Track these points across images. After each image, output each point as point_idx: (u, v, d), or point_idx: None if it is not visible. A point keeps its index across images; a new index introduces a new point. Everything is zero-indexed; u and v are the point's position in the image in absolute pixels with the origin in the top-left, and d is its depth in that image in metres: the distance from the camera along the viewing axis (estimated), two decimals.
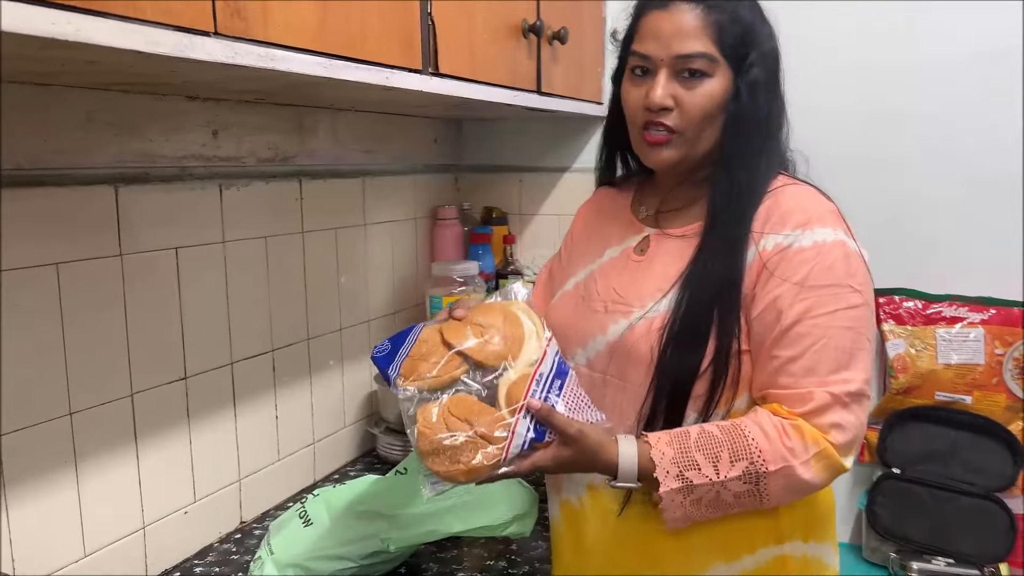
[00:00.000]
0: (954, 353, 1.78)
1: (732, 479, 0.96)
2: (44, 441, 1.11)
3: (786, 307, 0.99)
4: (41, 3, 0.63)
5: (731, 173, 1.07)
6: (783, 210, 1.05)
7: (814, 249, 1.01)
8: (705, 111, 1.05)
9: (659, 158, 1.09)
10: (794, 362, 0.99)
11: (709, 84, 1.04)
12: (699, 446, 0.97)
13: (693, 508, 0.98)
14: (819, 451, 0.97)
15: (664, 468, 0.96)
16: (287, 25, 0.90)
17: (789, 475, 0.96)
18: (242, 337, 1.45)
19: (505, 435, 0.93)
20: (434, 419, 0.95)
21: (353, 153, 1.74)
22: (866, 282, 1.03)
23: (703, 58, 1.03)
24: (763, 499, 0.98)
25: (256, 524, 1.49)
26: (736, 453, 0.96)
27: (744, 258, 1.04)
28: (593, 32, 1.90)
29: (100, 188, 1.17)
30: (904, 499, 1.76)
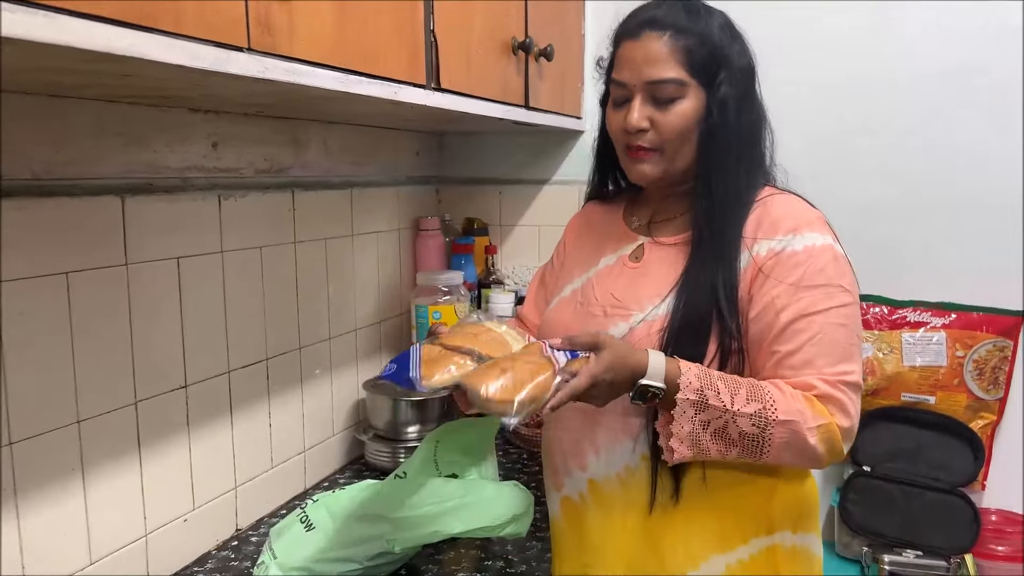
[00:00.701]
0: (918, 356, 1.88)
1: (743, 414, 1.01)
2: (54, 449, 1.12)
3: (783, 306, 1.06)
4: (102, 20, 0.66)
5: (709, 186, 1.13)
6: (773, 217, 1.12)
7: (805, 253, 1.08)
8: (679, 130, 1.12)
9: (641, 173, 1.16)
10: (793, 355, 1.05)
11: (682, 105, 1.11)
12: (721, 378, 1.03)
13: (700, 429, 1.02)
14: (825, 424, 1.03)
15: (687, 379, 1.01)
16: (309, 40, 0.93)
17: (795, 431, 1.01)
18: (239, 346, 1.47)
19: (548, 358, 1.00)
20: (478, 375, 0.99)
21: (343, 165, 1.77)
22: (854, 283, 1.10)
23: (672, 83, 1.11)
24: (763, 449, 1.03)
25: (252, 531, 1.50)
26: (752, 395, 1.02)
27: (737, 263, 1.10)
28: (574, 49, 1.97)
29: (108, 198, 1.18)
30: (874, 495, 1.84)
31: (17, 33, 0.58)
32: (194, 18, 0.76)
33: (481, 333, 1.11)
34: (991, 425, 1.86)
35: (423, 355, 1.07)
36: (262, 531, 1.49)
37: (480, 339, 1.08)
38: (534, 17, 1.64)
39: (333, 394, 1.78)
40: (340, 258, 1.77)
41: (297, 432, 1.66)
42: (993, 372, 1.84)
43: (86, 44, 0.64)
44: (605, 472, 1.16)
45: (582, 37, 2.03)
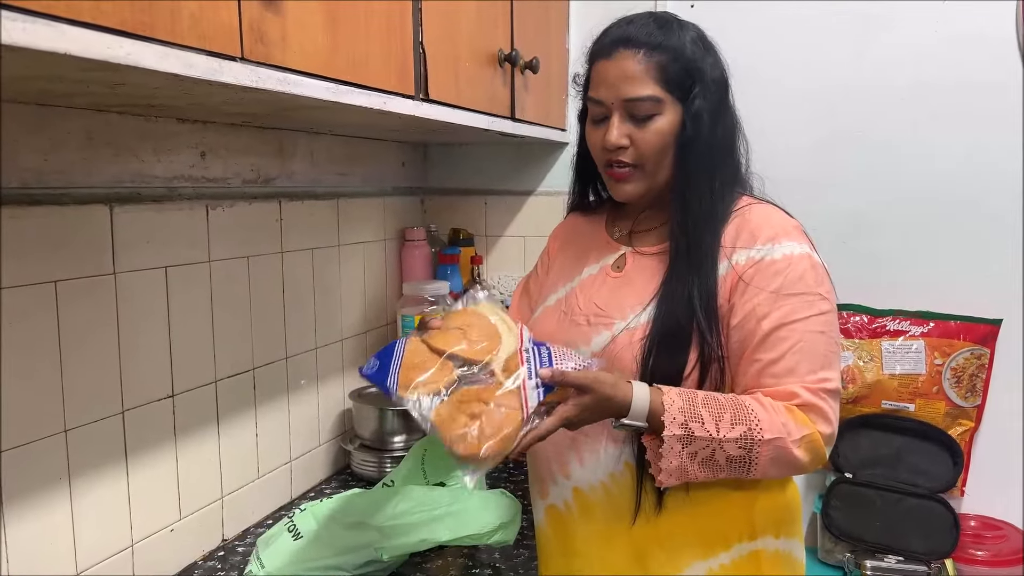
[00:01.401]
0: (898, 364, 1.91)
1: (729, 440, 1.02)
2: (41, 458, 1.11)
3: (764, 314, 1.08)
4: (101, 28, 0.67)
5: (684, 198, 1.15)
6: (752, 227, 1.14)
7: (784, 261, 1.10)
8: (658, 146, 1.13)
9: (624, 192, 1.18)
10: (775, 363, 1.07)
11: (659, 121, 1.13)
12: (705, 404, 1.04)
13: (688, 461, 1.03)
14: (808, 434, 1.05)
15: (672, 414, 1.02)
16: (301, 51, 0.95)
17: (781, 447, 1.03)
18: (225, 356, 1.46)
19: (519, 400, 0.99)
20: (448, 415, 0.99)
21: (329, 175, 1.78)
22: (831, 290, 1.12)
23: (649, 100, 1.12)
24: (751, 467, 1.04)
25: (238, 542, 1.49)
26: (737, 418, 1.03)
27: (715, 272, 1.12)
28: (559, 62, 1.99)
29: (96, 207, 1.18)
30: (856, 502, 1.87)
31: (20, 41, 0.59)
32: (189, 28, 0.77)
33: (472, 327, 1.10)
34: (969, 432, 1.89)
35: (405, 356, 1.07)
36: (248, 541, 1.49)
37: (471, 332, 1.08)
38: (520, 30, 1.66)
39: (319, 404, 1.78)
40: (326, 268, 1.78)
41: (283, 442, 1.66)
42: (971, 380, 1.87)
43: (86, 52, 0.65)
44: (589, 480, 1.17)
45: (566, 50, 2.05)
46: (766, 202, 1.20)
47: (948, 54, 1.87)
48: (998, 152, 1.85)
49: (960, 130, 1.87)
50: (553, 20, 1.95)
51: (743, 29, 1.90)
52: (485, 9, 1.50)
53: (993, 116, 1.85)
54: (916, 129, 1.90)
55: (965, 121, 1.87)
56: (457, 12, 1.38)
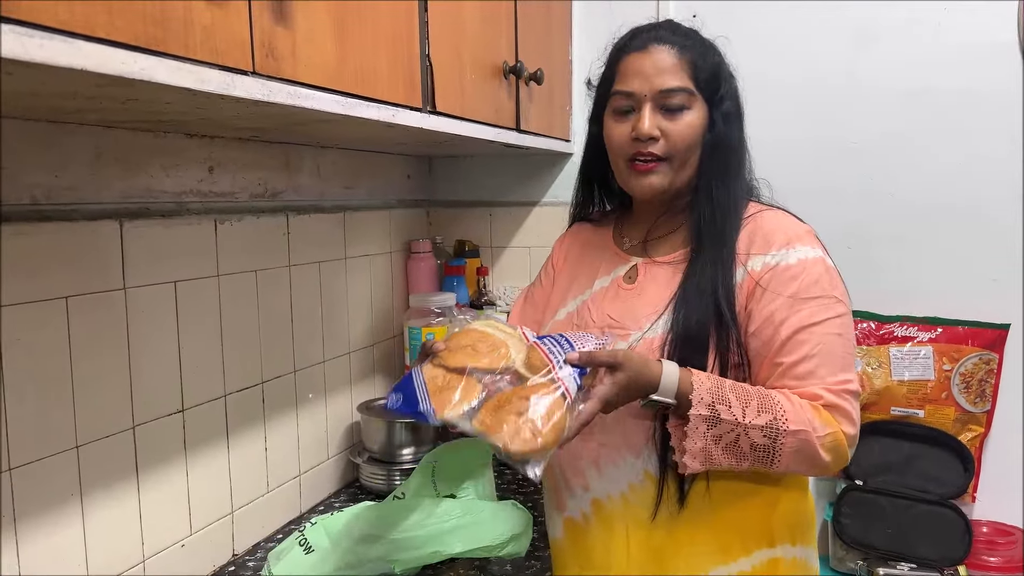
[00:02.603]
0: (906, 370, 1.90)
1: (755, 427, 1.03)
2: (53, 474, 1.11)
3: (782, 319, 1.08)
4: (116, 44, 0.67)
5: (711, 196, 1.16)
6: (765, 232, 1.14)
7: (800, 266, 1.10)
8: (688, 140, 1.15)
9: (647, 184, 1.17)
10: (797, 366, 1.07)
11: (689, 115, 1.15)
12: (733, 390, 1.05)
13: (712, 444, 1.04)
14: (832, 432, 1.05)
15: (700, 394, 1.03)
16: (311, 65, 0.95)
17: (805, 441, 1.03)
18: (234, 370, 1.46)
19: (558, 386, 0.99)
20: (493, 420, 0.99)
21: (335, 189, 1.78)
22: (845, 293, 1.13)
23: (683, 92, 1.14)
24: (774, 459, 1.04)
25: (248, 556, 1.49)
26: (763, 406, 1.04)
27: (733, 275, 1.12)
28: (562, 73, 2.00)
29: (106, 223, 1.19)
30: (867, 509, 1.86)
31: (37, 57, 0.59)
32: (202, 43, 0.77)
33: (478, 342, 1.10)
34: (979, 437, 1.88)
35: (427, 383, 1.06)
36: (259, 556, 1.48)
37: (479, 351, 1.08)
38: (524, 42, 1.67)
39: (327, 417, 1.78)
40: (333, 281, 1.78)
41: (292, 456, 1.66)
42: (980, 385, 1.86)
43: (101, 68, 0.65)
44: (607, 490, 1.17)
45: (569, 62, 2.06)
46: (776, 208, 1.21)
47: (947, 61, 1.87)
48: (1001, 157, 1.85)
49: (962, 135, 1.87)
50: (556, 32, 1.96)
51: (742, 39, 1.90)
52: (490, 22, 1.51)
53: (995, 121, 1.85)
54: (917, 135, 1.90)
55: (967, 126, 1.87)
56: (462, 25, 1.39)
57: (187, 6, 0.75)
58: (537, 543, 1.45)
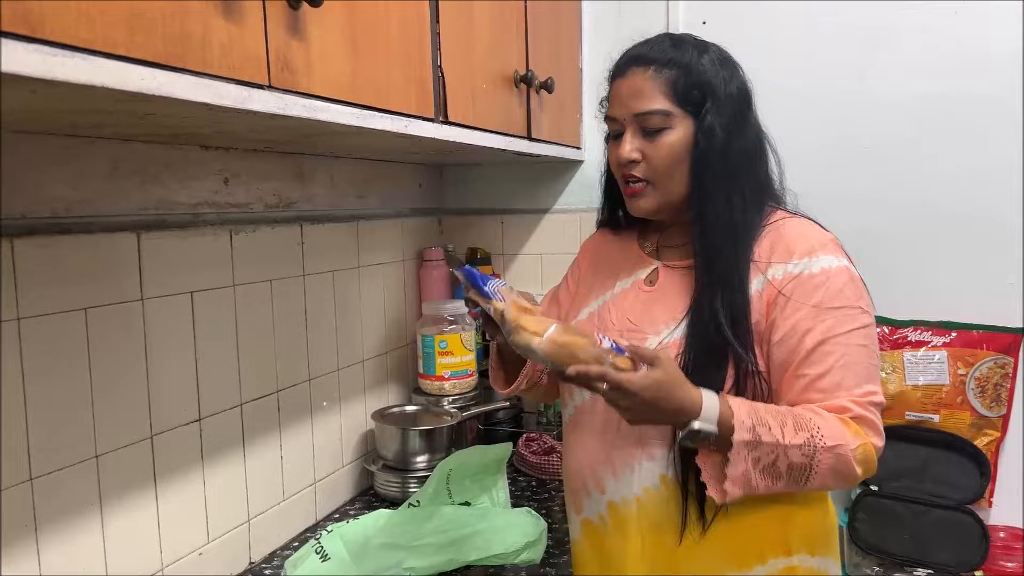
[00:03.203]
0: (920, 375, 1.89)
1: (794, 446, 1.01)
2: (73, 483, 1.13)
3: (806, 329, 1.08)
4: (135, 61, 0.68)
5: (702, 213, 1.15)
6: (787, 241, 1.14)
7: (823, 275, 1.10)
8: (668, 159, 1.14)
9: (638, 207, 1.20)
10: (822, 378, 1.07)
11: (670, 135, 1.14)
12: (767, 410, 1.04)
13: (752, 467, 1.03)
14: (863, 444, 1.05)
15: (740, 419, 1.02)
16: (325, 78, 0.96)
17: (841, 455, 1.03)
18: (250, 378, 1.48)
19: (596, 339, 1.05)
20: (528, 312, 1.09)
21: (348, 198, 1.79)
22: (870, 303, 1.13)
23: (658, 114, 1.14)
24: (811, 476, 1.03)
25: (265, 564, 1.50)
26: (799, 424, 1.03)
27: (746, 286, 1.12)
28: (572, 82, 2.01)
29: (124, 235, 1.20)
30: (883, 514, 1.85)
31: (60, 75, 0.60)
32: (219, 58, 0.79)
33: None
34: (995, 442, 1.87)
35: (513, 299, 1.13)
36: (275, 564, 1.49)
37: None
38: (534, 51, 1.68)
39: (342, 425, 1.79)
40: (347, 290, 1.79)
41: (307, 464, 1.67)
42: (995, 389, 1.85)
43: (122, 85, 0.67)
44: (624, 494, 1.17)
45: (579, 70, 2.07)
46: (800, 216, 1.20)
47: (959, 65, 1.87)
48: (1015, 160, 1.84)
49: (975, 139, 1.87)
50: (566, 41, 1.97)
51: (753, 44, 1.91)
52: (500, 32, 1.52)
53: (1009, 125, 1.84)
54: (930, 139, 1.90)
55: (980, 130, 1.86)
56: (473, 36, 1.40)
57: (205, 24, 0.76)
58: (552, 550, 1.45)
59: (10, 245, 1.03)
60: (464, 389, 1.95)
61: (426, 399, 1.95)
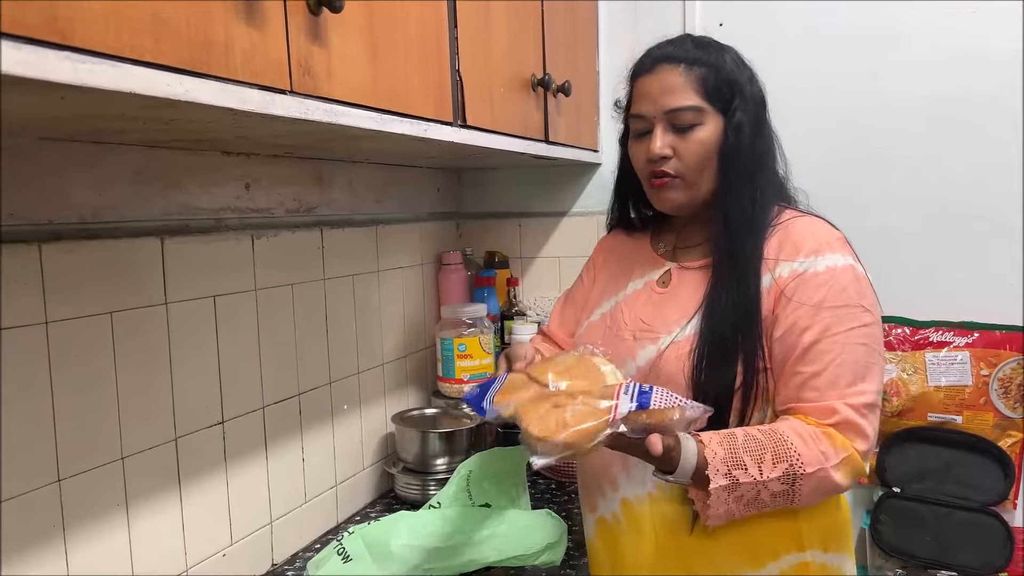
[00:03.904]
0: (943, 376, 1.88)
1: (772, 479, 1.03)
2: (99, 485, 1.14)
3: (805, 327, 1.08)
4: (161, 67, 0.70)
5: (726, 209, 1.17)
6: (795, 239, 1.14)
7: (827, 273, 1.10)
8: (700, 155, 1.16)
9: (666, 200, 1.21)
10: (817, 376, 1.07)
11: (701, 131, 1.16)
12: (746, 448, 1.04)
13: (734, 505, 1.04)
14: (847, 456, 1.05)
15: (715, 467, 1.02)
16: (346, 82, 0.97)
17: (822, 477, 1.04)
18: (272, 381, 1.49)
19: (609, 405, 0.97)
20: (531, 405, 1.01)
21: (367, 203, 1.81)
22: (875, 303, 1.12)
23: (691, 110, 1.15)
24: (794, 499, 1.05)
25: (287, 566, 1.51)
26: (778, 456, 1.03)
27: (758, 283, 1.13)
28: (589, 84, 2.01)
29: (148, 240, 1.22)
30: (905, 517, 1.84)
31: (88, 81, 0.62)
32: (242, 64, 0.80)
33: (575, 366, 1.08)
34: (1020, 443, 1.85)
35: (505, 384, 1.10)
36: (297, 565, 1.51)
37: (574, 371, 1.06)
38: (552, 55, 1.69)
39: (362, 428, 1.80)
40: (366, 293, 1.81)
41: (329, 466, 1.68)
42: (1019, 390, 1.84)
43: (148, 91, 0.68)
44: (637, 491, 1.18)
45: (596, 73, 2.08)
46: (810, 214, 1.21)
47: (973, 65, 1.86)
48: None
49: (992, 138, 1.85)
50: (583, 44, 1.98)
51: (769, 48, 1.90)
52: (518, 36, 1.53)
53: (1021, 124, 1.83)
54: (942, 141, 1.89)
55: (997, 130, 1.85)
56: (491, 40, 1.41)
57: (228, 31, 0.77)
58: (572, 552, 1.45)
59: (38, 250, 1.05)
60: None
61: (445, 402, 1.96)
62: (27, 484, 1.04)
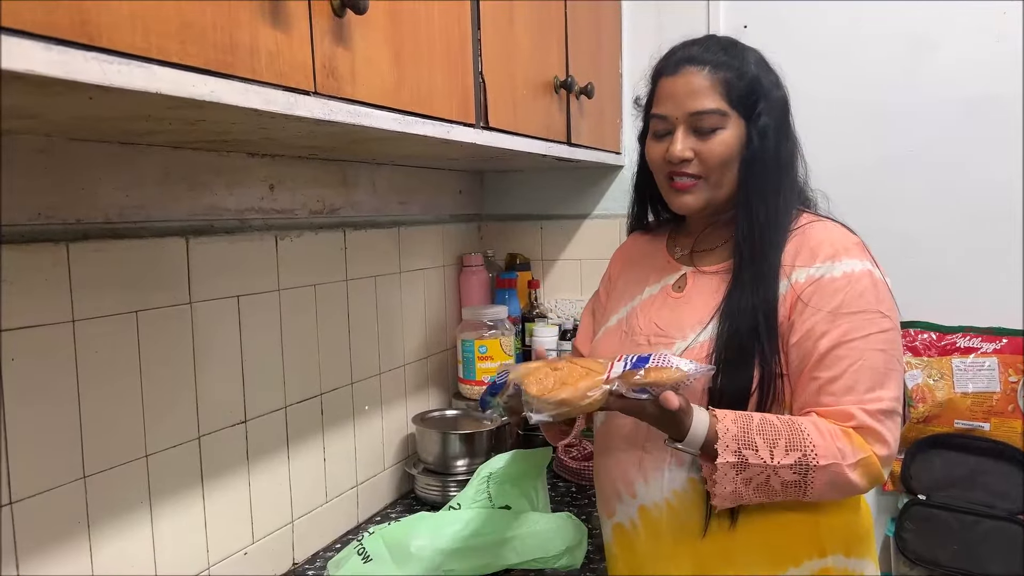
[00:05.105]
0: (970, 382, 1.85)
1: (784, 466, 1.02)
2: (124, 482, 1.16)
3: (822, 333, 1.07)
4: (188, 68, 0.70)
5: (750, 212, 1.16)
6: (812, 244, 1.13)
7: (844, 279, 1.09)
8: (722, 158, 1.15)
9: (685, 202, 1.19)
10: (834, 382, 1.06)
11: (723, 134, 1.15)
12: (760, 431, 1.04)
13: (743, 487, 1.04)
14: (864, 458, 1.04)
15: (725, 442, 1.02)
16: (369, 84, 0.98)
17: (837, 473, 1.03)
18: (295, 381, 1.50)
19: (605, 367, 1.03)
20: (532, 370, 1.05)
21: (390, 204, 1.82)
22: (893, 308, 1.11)
23: (714, 114, 1.14)
24: (807, 491, 1.04)
25: (308, 565, 1.52)
26: (792, 444, 1.03)
27: (776, 288, 1.12)
28: (612, 86, 2.01)
29: (173, 240, 1.23)
30: (931, 524, 1.81)
31: (116, 82, 0.63)
32: (267, 65, 0.80)
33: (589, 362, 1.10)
34: None
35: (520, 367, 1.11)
36: (318, 565, 1.51)
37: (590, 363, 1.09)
38: (575, 57, 1.69)
39: (383, 428, 1.81)
40: (389, 295, 1.81)
41: (350, 466, 1.69)
42: None
43: (174, 91, 0.69)
44: (654, 498, 1.17)
45: (619, 75, 2.07)
46: (828, 219, 1.20)
47: (1008, 67, 1.83)
48: None
49: (1016, 143, 1.83)
50: (606, 46, 1.98)
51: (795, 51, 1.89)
52: (541, 38, 1.53)
53: None
54: (978, 142, 1.86)
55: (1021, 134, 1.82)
56: (514, 42, 1.41)
57: (253, 33, 0.78)
58: (592, 555, 1.45)
59: (65, 249, 1.06)
60: None
61: (466, 403, 1.96)
62: (53, 480, 1.05)
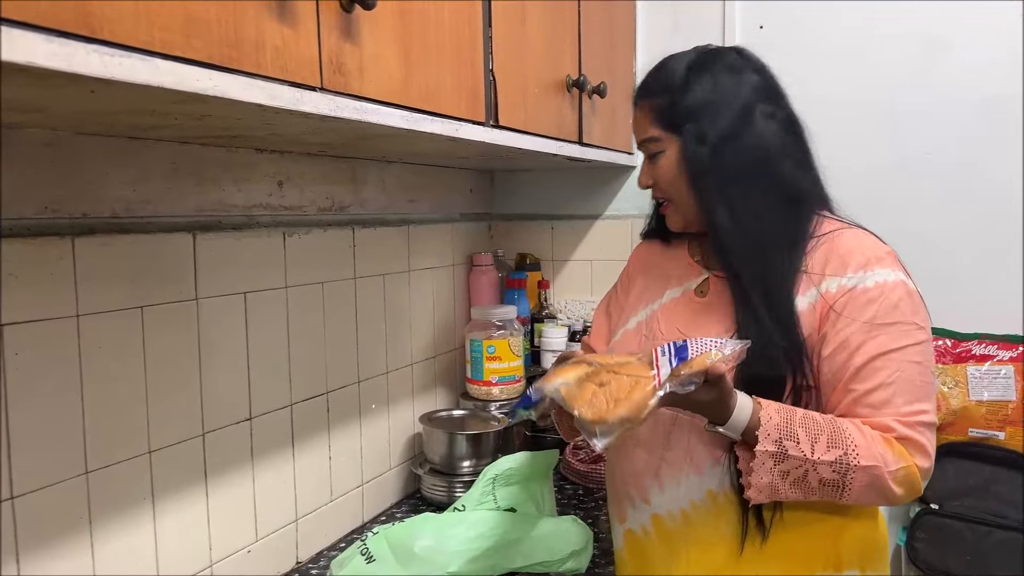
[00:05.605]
0: (985, 390, 1.83)
1: (824, 463, 1.00)
2: (127, 479, 1.15)
3: (858, 345, 1.05)
4: (191, 62, 0.69)
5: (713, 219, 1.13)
6: (842, 253, 1.10)
7: (877, 289, 1.06)
8: (667, 179, 1.18)
9: (671, 223, 1.25)
10: (871, 394, 1.04)
11: (663, 157, 1.18)
12: (803, 424, 1.02)
13: (779, 480, 1.02)
14: (905, 467, 1.02)
15: (767, 430, 1.01)
16: (377, 81, 0.97)
17: (877, 476, 1.01)
18: (301, 379, 1.49)
19: (648, 369, 0.99)
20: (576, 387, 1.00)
21: (399, 203, 1.81)
22: (927, 319, 1.09)
23: (651, 140, 1.19)
24: (844, 492, 1.02)
25: (312, 564, 1.51)
26: (833, 441, 1.01)
27: (791, 299, 1.09)
28: (625, 86, 1.99)
29: (180, 235, 1.23)
30: (943, 534, 1.78)
31: (118, 75, 0.62)
32: (272, 60, 0.79)
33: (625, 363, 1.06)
34: None
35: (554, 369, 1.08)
36: (322, 564, 1.50)
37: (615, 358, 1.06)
38: (587, 55, 1.67)
39: (390, 428, 1.80)
40: (397, 294, 1.80)
41: (355, 465, 1.68)
42: None
43: (177, 85, 0.68)
44: (669, 507, 1.15)
45: (633, 75, 2.05)
46: (857, 227, 1.17)
47: (1020, 67, 1.80)
48: None
49: None
50: (620, 45, 1.96)
51: (810, 51, 1.88)
52: (553, 36, 1.52)
53: None
54: (990, 144, 1.83)
55: None
56: (526, 40, 1.40)
57: (259, 27, 0.77)
58: (597, 560, 1.43)
59: (71, 243, 1.05)
60: (511, 395, 1.95)
61: (474, 404, 1.95)
62: (55, 476, 1.05)
